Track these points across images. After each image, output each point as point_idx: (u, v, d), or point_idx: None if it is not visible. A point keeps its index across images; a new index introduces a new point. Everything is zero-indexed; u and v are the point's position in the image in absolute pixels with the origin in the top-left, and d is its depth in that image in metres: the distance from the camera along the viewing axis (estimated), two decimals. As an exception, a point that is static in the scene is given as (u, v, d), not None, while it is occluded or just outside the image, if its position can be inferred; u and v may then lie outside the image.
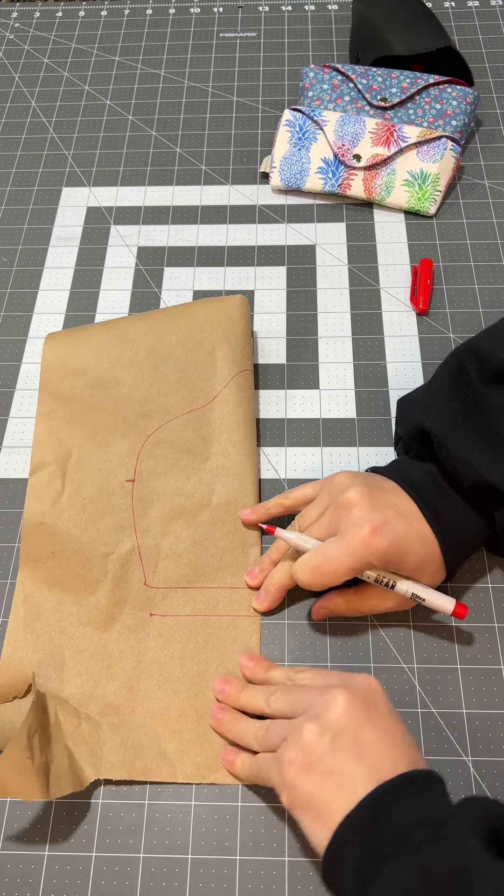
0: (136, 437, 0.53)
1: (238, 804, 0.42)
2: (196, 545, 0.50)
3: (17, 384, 0.60)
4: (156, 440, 0.53)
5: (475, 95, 0.68)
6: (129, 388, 0.54)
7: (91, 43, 0.83)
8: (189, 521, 0.50)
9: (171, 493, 0.51)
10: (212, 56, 0.81)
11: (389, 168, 0.65)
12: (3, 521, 0.53)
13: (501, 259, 0.64)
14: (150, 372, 0.55)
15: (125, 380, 0.55)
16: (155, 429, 0.53)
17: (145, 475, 0.52)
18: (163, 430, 0.53)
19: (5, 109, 0.78)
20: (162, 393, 0.54)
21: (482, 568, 0.49)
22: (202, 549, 0.50)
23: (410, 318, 0.61)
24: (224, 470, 0.52)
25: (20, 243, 0.68)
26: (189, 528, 0.50)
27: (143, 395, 0.54)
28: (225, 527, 0.50)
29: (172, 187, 0.71)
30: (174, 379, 0.55)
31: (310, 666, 0.45)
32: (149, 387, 0.54)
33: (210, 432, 0.53)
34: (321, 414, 0.57)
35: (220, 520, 0.50)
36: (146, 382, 0.55)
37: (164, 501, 0.51)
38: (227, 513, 0.50)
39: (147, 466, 0.52)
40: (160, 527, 0.50)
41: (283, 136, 0.67)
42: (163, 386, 0.54)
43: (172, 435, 0.53)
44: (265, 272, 0.65)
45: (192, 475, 0.52)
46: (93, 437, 0.53)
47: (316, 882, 0.40)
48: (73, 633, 0.47)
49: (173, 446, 0.53)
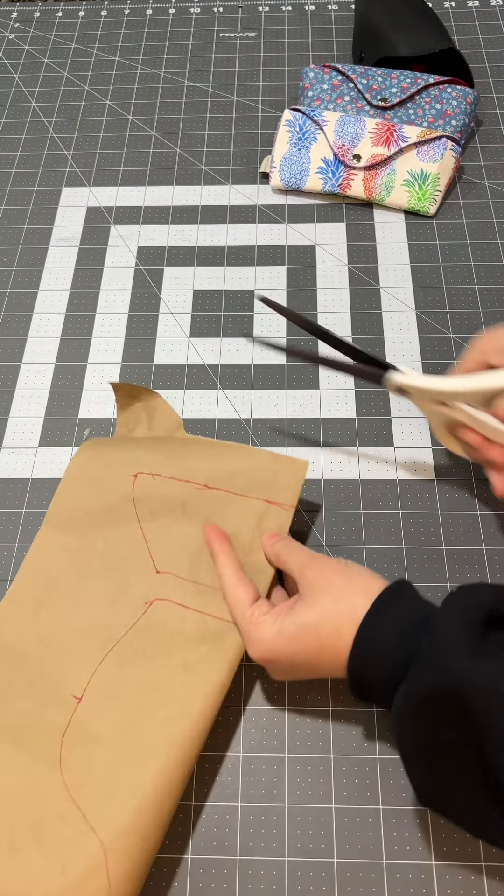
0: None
1: (238, 804, 0.42)
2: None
3: (17, 384, 0.60)
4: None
5: (475, 95, 0.68)
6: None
7: (91, 43, 0.83)
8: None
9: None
10: (212, 56, 0.81)
11: (389, 168, 0.65)
12: (2, 521, 0.53)
13: (501, 259, 0.64)
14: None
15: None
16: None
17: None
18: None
19: (5, 109, 0.78)
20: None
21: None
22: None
23: (410, 318, 0.61)
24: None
25: (20, 243, 0.68)
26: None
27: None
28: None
29: (172, 187, 0.71)
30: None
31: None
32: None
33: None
34: (321, 414, 0.57)
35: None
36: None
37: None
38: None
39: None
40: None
41: (283, 136, 0.67)
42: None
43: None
44: (265, 272, 0.65)
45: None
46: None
47: (315, 882, 0.40)
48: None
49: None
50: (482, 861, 0.40)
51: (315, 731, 0.44)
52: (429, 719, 0.33)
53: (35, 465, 0.55)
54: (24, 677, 0.43)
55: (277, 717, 0.45)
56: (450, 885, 0.40)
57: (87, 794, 0.39)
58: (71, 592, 0.46)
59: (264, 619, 0.40)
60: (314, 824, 0.42)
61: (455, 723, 0.32)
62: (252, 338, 0.50)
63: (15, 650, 0.44)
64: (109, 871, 0.36)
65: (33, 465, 0.55)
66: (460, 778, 0.33)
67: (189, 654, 0.43)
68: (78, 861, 0.37)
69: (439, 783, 0.34)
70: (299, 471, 0.48)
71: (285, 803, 0.42)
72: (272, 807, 0.42)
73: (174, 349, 0.61)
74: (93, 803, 0.38)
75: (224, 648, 0.43)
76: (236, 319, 0.62)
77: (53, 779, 0.39)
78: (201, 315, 0.62)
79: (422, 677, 0.34)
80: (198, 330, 0.62)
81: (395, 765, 0.43)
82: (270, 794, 0.42)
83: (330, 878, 0.40)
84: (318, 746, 0.44)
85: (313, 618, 0.38)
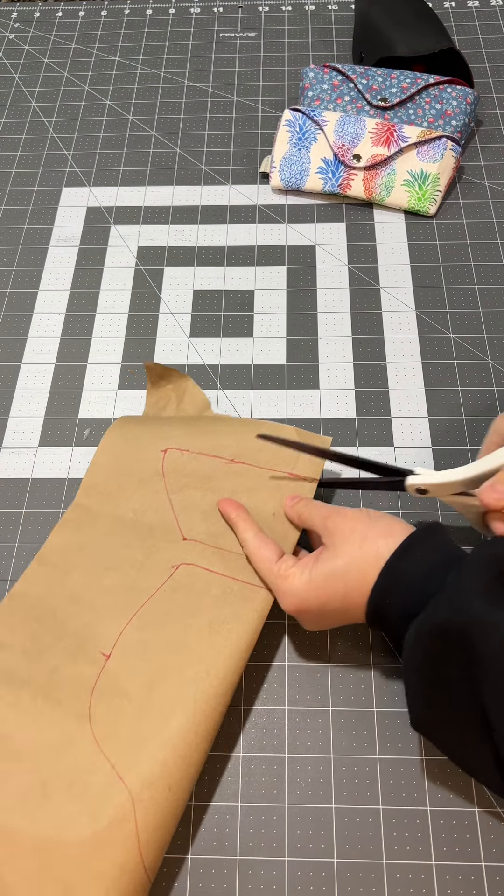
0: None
1: (238, 804, 0.42)
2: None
3: (17, 384, 0.60)
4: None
5: (475, 95, 0.68)
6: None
7: (91, 43, 0.83)
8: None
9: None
10: (212, 56, 0.81)
11: (389, 168, 0.65)
12: (3, 521, 0.53)
13: (501, 259, 0.64)
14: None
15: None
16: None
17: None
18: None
19: (5, 109, 0.78)
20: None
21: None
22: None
23: (410, 318, 0.61)
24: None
25: (20, 243, 0.68)
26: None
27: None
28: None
29: (172, 187, 0.71)
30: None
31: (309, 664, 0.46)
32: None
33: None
34: (321, 414, 0.57)
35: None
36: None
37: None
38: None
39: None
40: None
41: (283, 136, 0.67)
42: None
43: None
44: (265, 272, 0.65)
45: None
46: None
47: (315, 882, 0.40)
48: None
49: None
50: (482, 861, 0.40)
51: (315, 731, 0.44)
52: (436, 654, 0.35)
53: (35, 465, 0.55)
54: (54, 633, 0.45)
55: (277, 717, 0.45)
56: (450, 885, 0.40)
57: (115, 746, 0.40)
58: (100, 557, 0.48)
59: (292, 572, 0.41)
60: (314, 824, 0.42)
61: (460, 661, 0.34)
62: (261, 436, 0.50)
63: (44, 607, 0.46)
64: (137, 819, 0.38)
65: (33, 465, 0.55)
66: (456, 711, 0.35)
67: (214, 615, 0.44)
68: (107, 809, 0.38)
69: (436, 713, 0.36)
70: (323, 446, 0.50)
71: (285, 803, 0.42)
72: (272, 807, 0.42)
73: (174, 349, 0.61)
74: (121, 755, 0.40)
75: (249, 611, 0.44)
76: (236, 319, 0.62)
77: (83, 731, 0.41)
78: (201, 315, 0.62)
79: (438, 613, 0.35)
80: (198, 330, 0.62)
81: (395, 765, 0.43)
82: (270, 794, 0.42)
83: (330, 878, 0.40)
84: (318, 746, 0.44)
85: (340, 564, 0.40)
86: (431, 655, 0.35)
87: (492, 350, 0.59)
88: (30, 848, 0.38)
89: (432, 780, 0.42)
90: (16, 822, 0.38)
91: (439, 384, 0.57)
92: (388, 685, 0.45)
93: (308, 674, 0.46)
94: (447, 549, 0.39)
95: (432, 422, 0.56)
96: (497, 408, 0.56)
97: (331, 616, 0.41)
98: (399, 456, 0.54)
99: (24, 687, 0.43)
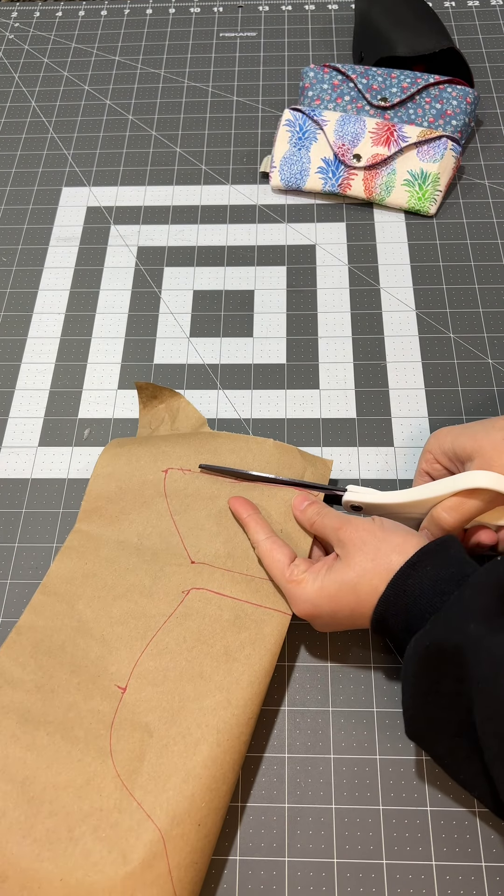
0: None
1: (238, 804, 0.42)
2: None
3: (17, 384, 0.60)
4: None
5: (475, 95, 0.68)
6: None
7: (91, 43, 0.83)
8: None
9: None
10: (212, 56, 0.81)
11: (389, 168, 0.65)
12: (2, 521, 0.53)
13: (501, 259, 0.64)
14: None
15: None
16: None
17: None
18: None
19: (5, 109, 0.78)
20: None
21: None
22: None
23: (410, 318, 0.61)
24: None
25: (20, 243, 0.68)
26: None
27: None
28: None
29: (172, 187, 0.71)
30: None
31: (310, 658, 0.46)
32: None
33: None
34: (321, 414, 0.57)
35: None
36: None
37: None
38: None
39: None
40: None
41: (283, 135, 0.67)
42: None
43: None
44: (265, 272, 0.65)
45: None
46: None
47: (315, 882, 0.40)
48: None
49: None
50: (482, 861, 0.40)
51: (315, 732, 0.44)
52: (432, 670, 0.36)
53: (35, 465, 0.55)
54: (67, 668, 0.44)
55: (277, 717, 0.45)
56: (449, 885, 0.40)
57: (140, 782, 0.39)
58: (107, 585, 0.47)
59: (305, 577, 0.42)
60: (314, 824, 0.42)
61: (454, 680, 0.35)
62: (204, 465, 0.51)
63: (53, 640, 0.45)
64: (169, 857, 0.37)
65: (33, 465, 0.55)
66: (448, 725, 0.36)
67: (230, 641, 0.43)
68: (137, 849, 0.37)
69: (429, 725, 0.37)
70: (325, 469, 0.51)
71: (285, 803, 0.42)
72: (272, 807, 0.42)
73: (174, 349, 0.61)
74: (147, 792, 0.39)
75: (265, 635, 0.43)
76: (236, 319, 0.62)
77: (105, 769, 0.40)
78: (201, 315, 0.62)
79: (436, 631, 0.36)
80: (198, 330, 0.62)
81: (395, 765, 0.43)
82: (271, 794, 0.42)
83: (330, 878, 0.40)
84: (318, 746, 0.44)
85: (352, 577, 0.40)
86: (427, 671, 0.36)
87: (492, 350, 0.59)
88: (60, 894, 0.36)
89: (432, 780, 0.42)
90: (44, 867, 0.37)
91: (439, 384, 0.57)
92: (388, 685, 0.45)
93: (308, 674, 0.46)
94: (457, 564, 0.39)
95: (432, 422, 0.56)
96: (497, 408, 0.56)
97: (342, 622, 0.42)
98: (399, 456, 0.54)
99: (40, 727, 0.41)
